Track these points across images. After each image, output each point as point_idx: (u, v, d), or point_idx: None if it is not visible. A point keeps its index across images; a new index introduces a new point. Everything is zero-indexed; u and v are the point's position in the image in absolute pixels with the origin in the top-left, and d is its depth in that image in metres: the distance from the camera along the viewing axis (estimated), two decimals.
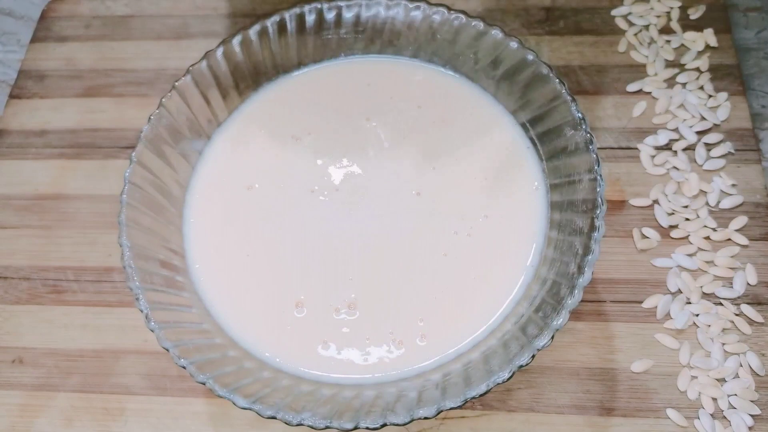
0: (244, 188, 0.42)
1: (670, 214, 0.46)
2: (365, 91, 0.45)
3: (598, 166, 0.38)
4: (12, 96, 0.56)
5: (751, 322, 0.43)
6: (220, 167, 0.43)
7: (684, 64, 0.52)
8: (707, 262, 0.45)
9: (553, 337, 0.34)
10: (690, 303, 0.43)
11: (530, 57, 0.41)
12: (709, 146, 0.48)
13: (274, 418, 0.33)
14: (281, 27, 0.43)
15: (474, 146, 0.43)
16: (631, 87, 0.51)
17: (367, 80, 0.45)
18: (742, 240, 0.45)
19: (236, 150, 0.43)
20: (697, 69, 0.51)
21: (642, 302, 0.44)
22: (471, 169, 0.42)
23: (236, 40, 0.42)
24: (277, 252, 0.40)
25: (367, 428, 0.33)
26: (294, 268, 0.40)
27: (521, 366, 0.34)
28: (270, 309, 0.39)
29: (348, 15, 0.44)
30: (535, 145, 0.42)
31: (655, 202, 0.47)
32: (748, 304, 0.43)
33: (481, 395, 0.33)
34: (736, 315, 0.43)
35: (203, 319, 0.39)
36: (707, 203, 0.46)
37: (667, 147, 0.49)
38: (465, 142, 0.43)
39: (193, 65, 0.42)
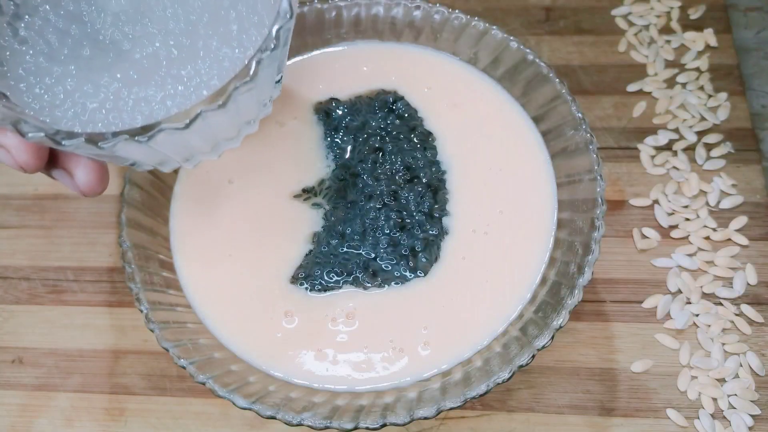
0: (226, 181, 0.41)
1: (670, 214, 0.46)
2: (362, 74, 0.44)
3: (598, 166, 0.38)
4: None
5: (751, 322, 0.43)
6: (206, 166, 0.42)
7: (684, 64, 0.52)
8: (707, 262, 0.45)
9: (553, 337, 0.34)
10: (690, 303, 0.43)
11: (530, 57, 0.41)
12: (709, 146, 0.48)
13: (273, 418, 0.33)
14: None
15: (484, 132, 0.42)
16: (631, 87, 0.51)
17: (364, 64, 0.45)
18: (742, 240, 0.45)
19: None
20: (697, 69, 0.51)
21: (642, 302, 0.44)
22: (483, 159, 0.42)
23: None
24: (266, 256, 0.40)
25: (367, 428, 0.33)
26: (285, 273, 0.39)
27: (521, 366, 0.34)
28: (260, 317, 0.38)
29: (347, 15, 0.44)
30: None
31: (655, 202, 0.47)
32: (748, 304, 0.43)
33: (481, 395, 0.33)
34: (736, 315, 0.43)
35: (196, 320, 0.39)
36: (707, 203, 0.46)
37: (667, 147, 0.49)
38: (476, 128, 0.42)
39: None
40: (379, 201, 0.39)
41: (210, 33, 0.30)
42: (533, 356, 0.34)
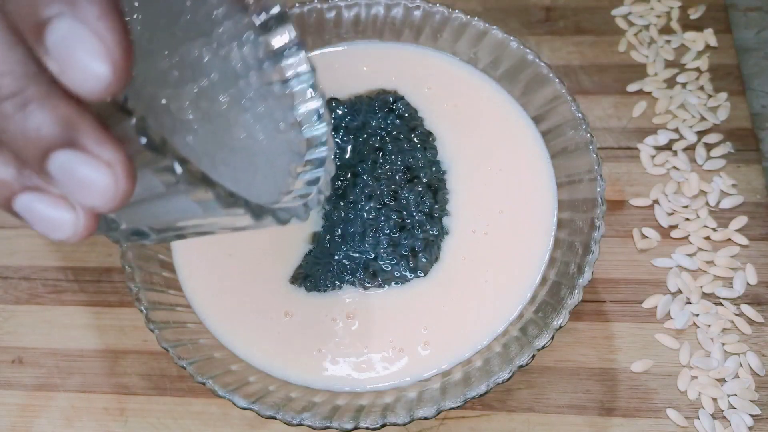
0: None
1: (670, 214, 0.46)
2: (362, 74, 0.44)
3: (598, 166, 0.38)
4: None
5: (751, 322, 0.43)
6: None
7: (684, 64, 0.52)
8: (707, 262, 0.45)
9: (553, 337, 0.34)
10: (690, 303, 0.43)
11: (530, 57, 0.41)
12: (709, 146, 0.48)
13: (273, 418, 0.33)
14: None
15: (484, 132, 0.42)
16: (631, 87, 0.51)
17: (364, 64, 0.44)
18: (742, 240, 0.45)
19: None
20: (697, 69, 0.51)
21: (642, 302, 0.44)
22: (483, 159, 0.41)
23: None
24: (265, 256, 0.40)
25: (367, 428, 0.33)
26: (285, 273, 0.39)
27: (521, 366, 0.34)
28: (260, 317, 0.38)
29: (348, 15, 0.44)
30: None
31: (655, 202, 0.47)
32: (748, 304, 0.43)
33: (481, 395, 0.33)
34: (736, 315, 0.43)
35: (196, 320, 0.38)
36: (707, 203, 0.46)
37: (667, 147, 0.49)
38: (476, 128, 0.42)
39: None
40: (379, 201, 0.40)
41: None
42: (533, 356, 0.34)
